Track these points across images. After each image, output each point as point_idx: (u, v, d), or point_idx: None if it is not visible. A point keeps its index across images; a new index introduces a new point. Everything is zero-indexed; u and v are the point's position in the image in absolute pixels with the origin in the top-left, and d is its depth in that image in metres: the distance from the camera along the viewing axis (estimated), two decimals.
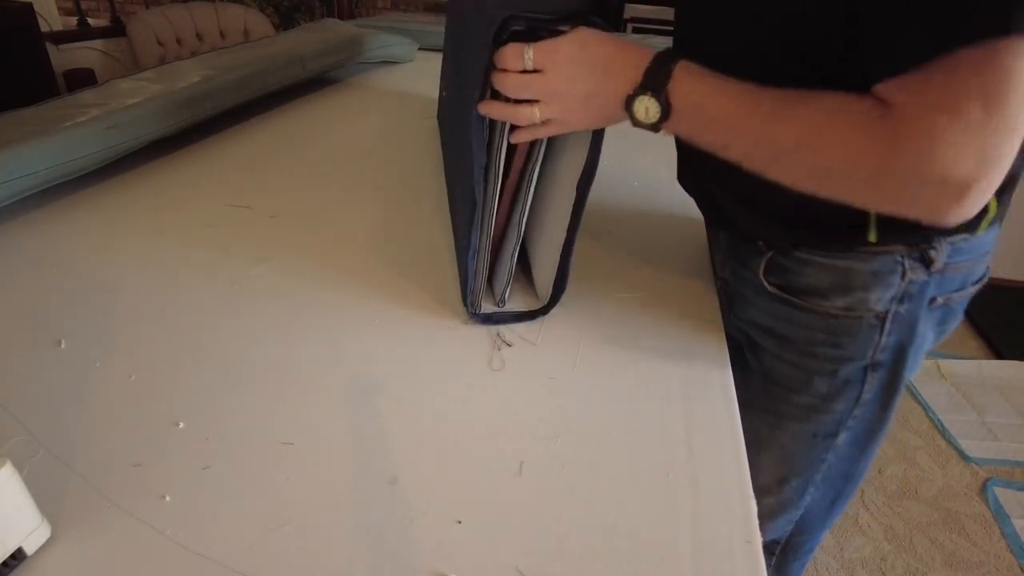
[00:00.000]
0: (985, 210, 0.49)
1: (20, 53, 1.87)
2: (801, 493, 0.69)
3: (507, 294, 0.60)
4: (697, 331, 0.59)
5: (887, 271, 0.53)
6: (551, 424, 0.47)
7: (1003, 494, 1.51)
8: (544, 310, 0.59)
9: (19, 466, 0.34)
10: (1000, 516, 1.46)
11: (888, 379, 0.59)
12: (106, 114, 0.82)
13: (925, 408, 1.78)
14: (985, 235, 0.55)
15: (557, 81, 0.47)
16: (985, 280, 0.59)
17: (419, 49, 1.53)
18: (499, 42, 0.46)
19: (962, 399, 1.81)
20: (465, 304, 0.58)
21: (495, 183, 0.52)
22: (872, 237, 0.52)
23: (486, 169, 0.51)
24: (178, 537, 0.37)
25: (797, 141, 0.43)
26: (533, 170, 0.54)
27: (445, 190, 0.83)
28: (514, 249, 0.57)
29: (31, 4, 1.86)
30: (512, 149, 0.53)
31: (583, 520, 0.40)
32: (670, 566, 0.37)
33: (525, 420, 0.48)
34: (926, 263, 0.53)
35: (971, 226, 0.53)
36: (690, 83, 0.45)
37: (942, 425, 1.72)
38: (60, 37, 2.09)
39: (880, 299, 0.54)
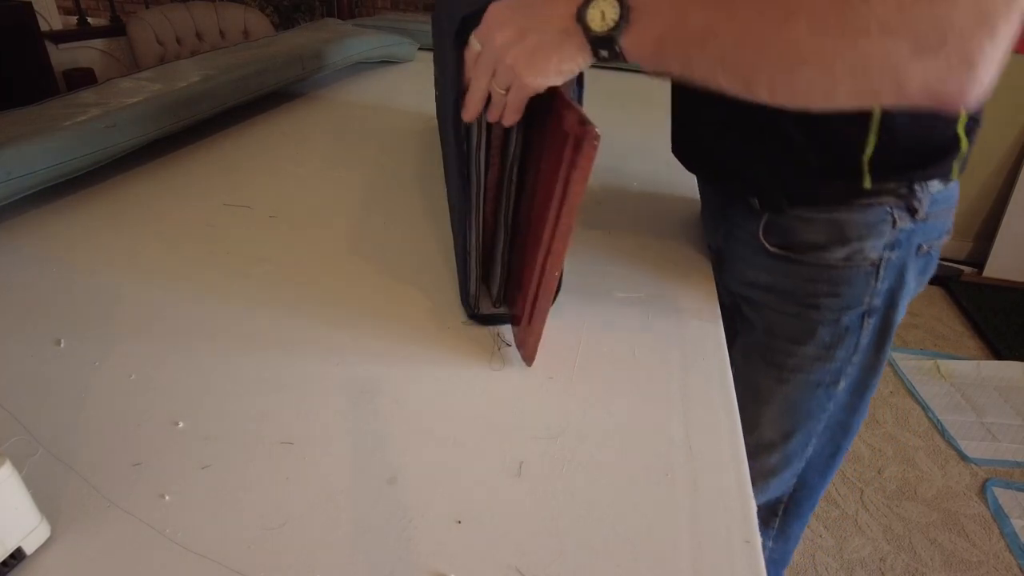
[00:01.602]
0: (957, 149, 0.56)
1: (20, 52, 1.87)
2: (804, 445, 0.72)
3: (504, 295, 0.60)
4: (697, 331, 0.59)
5: (879, 221, 0.58)
6: (551, 424, 0.47)
7: (1002, 494, 1.51)
8: None
9: (18, 465, 0.34)
10: (999, 516, 1.46)
11: (881, 323, 0.64)
12: (106, 113, 0.82)
13: (924, 408, 1.78)
14: (954, 187, 0.61)
15: (491, 38, 0.43)
16: (951, 233, 0.64)
17: (419, 49, 1.53)
18: (461, 41, 0.46)
19: (961, 399, 1.81)
20: (464, 305, 0.58)
21: (478, 182, 0.52)
22: (867, 183, 0.55)
23: (468, 169, 0.51)
24: (177, 537, 0.37)
25: None
26: (512, 167, 0.53)
27: (444, 190, 0.83)
28: (503, 249, 0.57)
29: (31, 3, 1.86)
30: (491, 147, 0.52)
31: (583, 520, 0.40)
32: (669, 566, 0.37)
33: (525, 420, 0.48)
34: (912, 212, 0.58)
35: (945, 173, 0.57)
36: None
37: (941, 425, 1.72)
38: (60, 36, 2.09)
39: (874, 247, 0.59)
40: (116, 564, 0.36)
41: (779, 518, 0.81)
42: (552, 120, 0.45)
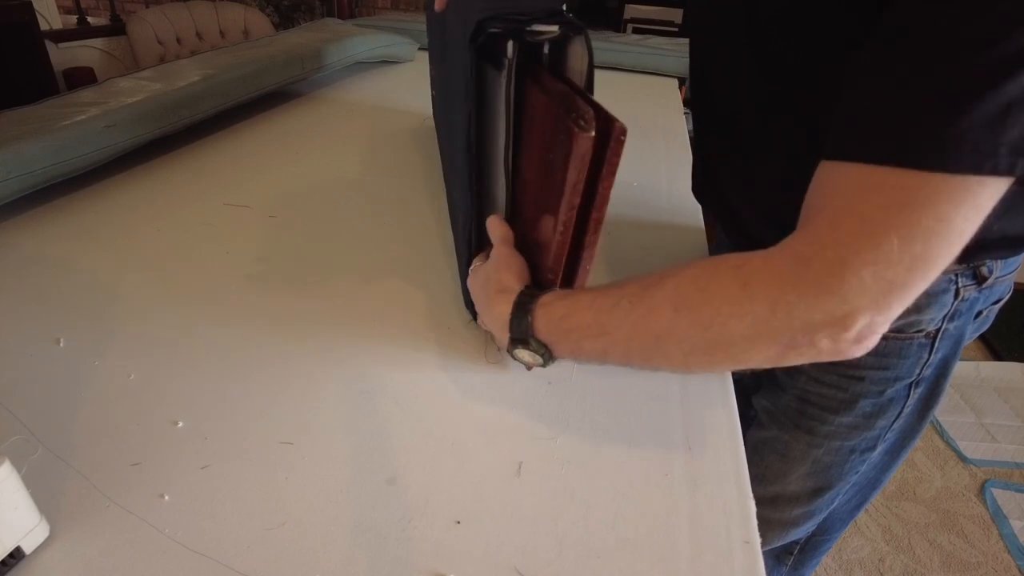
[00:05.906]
0: None
1: (19, 51, 1.87)
2: (831, 502, 0.69)
3: None
4: None
5: (940, 291, 0.50)
6: (550, 424, 0.47)
7: (1001, 495, 1.51)
8: None
9: (18, 464, 0.34)
10: (998, 517, 1.46)
11: (929, 392, 0.58)
12: (105, 113, 0.82)
13: None
14: None
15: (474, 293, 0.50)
16: (1011, 291, 0.57)
17: (419, 49, 1.53)
18: (476, 44, 0.44)
19: (960, 400, 1.81)
20: (467, 308, 0.58)
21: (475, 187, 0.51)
22: None
23: (470, 177, 0.50)
24: (177, 536, 0.37)
25: (674, 308, 0.37)
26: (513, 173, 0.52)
27: (444, 189, 0.83)
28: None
29: (30, 2, 1.86)
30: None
31: (582, 520, 0.40)
32: (669, 566, 0.37)
33: (524, 420, 0.48)
34: (978, 279, 0.51)
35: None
36: (548, 316, 0.42)
37: (941, 426, 1.72)
38: (60, 35, 2.09)
39: (932, 319, 0.52)
40: (115, 563, 0.36)
41: (793, 556, 0.78)
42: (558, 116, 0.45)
